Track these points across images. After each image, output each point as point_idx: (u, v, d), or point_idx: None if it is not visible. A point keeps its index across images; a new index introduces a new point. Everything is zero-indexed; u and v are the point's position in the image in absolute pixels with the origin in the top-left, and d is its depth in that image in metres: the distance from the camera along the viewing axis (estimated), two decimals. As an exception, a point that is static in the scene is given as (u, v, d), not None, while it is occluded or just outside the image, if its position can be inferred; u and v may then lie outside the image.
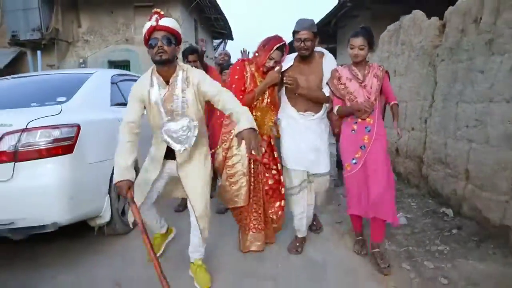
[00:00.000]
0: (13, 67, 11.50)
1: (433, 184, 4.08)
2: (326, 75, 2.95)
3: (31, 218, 2.64)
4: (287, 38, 3.00)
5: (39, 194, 2.63)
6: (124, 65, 11.36)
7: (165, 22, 2.34)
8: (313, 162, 3.01)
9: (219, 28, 16.72)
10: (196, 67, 3.57)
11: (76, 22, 11.70)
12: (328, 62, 3.01)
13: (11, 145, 2.58)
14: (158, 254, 2.81)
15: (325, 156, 3.06)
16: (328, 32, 12.08)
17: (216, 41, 19.12)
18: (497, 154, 3.03)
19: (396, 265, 2.80)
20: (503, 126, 2.97)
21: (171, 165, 2.58)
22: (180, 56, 3.07)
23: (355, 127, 2.86)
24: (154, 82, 2.43)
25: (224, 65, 4.74)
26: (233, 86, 2.90)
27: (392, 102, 2.88)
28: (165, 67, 2.39)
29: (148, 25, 2.33)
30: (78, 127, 2.82)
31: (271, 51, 2.82)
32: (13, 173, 2.61)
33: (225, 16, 15.13)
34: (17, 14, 10.70)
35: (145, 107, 2.48)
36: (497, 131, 3.05)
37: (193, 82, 2.43)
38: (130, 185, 2.29)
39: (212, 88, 2.41)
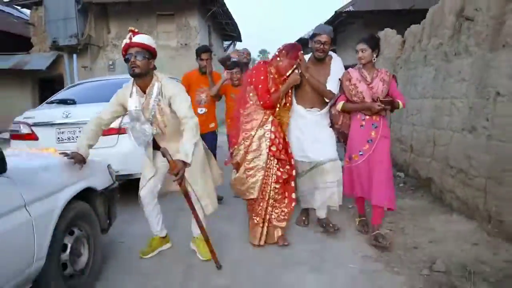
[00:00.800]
0: (53, 68, 13.17)
1: (394, 157, 5.65)
2: (332, 75, 3.30)
3: (125, 169, 4.19)
4: (290, 40, 3.42)
5: (126, 155, 4.06)
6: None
7: (139, 39, 2.60)
8: (320, 151, 3.33)
9: (229, 31, 18.25)
10: (209, 64, 4.31)
11: (106, 29, 13.28)
12: (336, 64, 3.37)
13: (117, 124, 4.14)
14: (149, 256, 3.04)
15: (331, 145, 3.41)
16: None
17: (226, 43, 20.67)
18: (426, 132, 4.58)
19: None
20: (430, 114, 4.51)
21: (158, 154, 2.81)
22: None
23: (363, 123, 3.24)
24: (133, 91, 2.70)
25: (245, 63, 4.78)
26: (259, 86, 3.16)
27: (400, 101, 3.18)
28: (140, 79, 2.67)
29: (123, 43, 2.62)
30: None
31: (297, 61, 3.15)
32: (117, 142, 4.21)
33: (235, 21, 16.68)
34: (57, 23, 12.32)
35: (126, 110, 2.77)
36: (427, 117, 4.60)
37: (165, 95, 2.66)
38: (81, 158, 2.53)
39: (181, 110, 2.60)
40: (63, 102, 4.66)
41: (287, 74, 3.14)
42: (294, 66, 3.16)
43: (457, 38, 3.92)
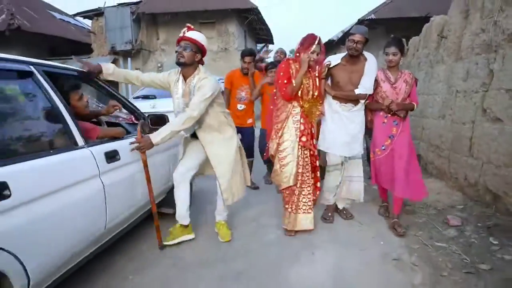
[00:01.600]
0: (110, 70, 15.19)
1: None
2: (367, 74, 3.41)
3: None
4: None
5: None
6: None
7: (190, 34, 2.91)
8: (350, 147, 3.51)
9: (262, 35, 19.88)
10: (250, 67, 4.61)
11: (155, 35, 15.19)
12: (370, 64, 3.44)
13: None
14: (171, 243, 3.13)
15: (360, 143, 3.59)
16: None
17: (260, 45, 22.32)
18: (417, 120, 5.97)
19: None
20: (420, 107, 5.89)
21: (198, 143, 3.14)
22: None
23: (385, 120, 3.48)
24: (179, 78, 3.01)
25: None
26: (279, 81, 3.25)
27: (415, 104, 3.47)
28: (184, 68, 2.95)
29: (179, 36, 2.93)
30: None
31: (312, 46, 3.11)
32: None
33: (268, 26, 18.28)
34: (115, 32, 14.34)
35: (165, 88, 3.12)
36: (418, 109, 5.98)
37: (200, 87, 2.89)
38: (99, 68, 2.89)
39: (192, 100, 2.86)
40: (146, 97, 6.35)
41: (306, 61, 3.13)
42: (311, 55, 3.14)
43: (438, 51, 5.32)
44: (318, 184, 3.51)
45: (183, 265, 2.91)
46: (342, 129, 3.50)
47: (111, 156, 2.46)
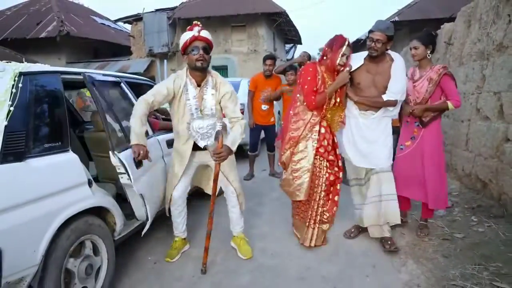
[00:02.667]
0: (147, 71, 16.36)
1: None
2: (394, 78, 2.96)
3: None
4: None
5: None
6: (222, 69, 15.65)
7: (205, 34, 2.65)
8: (370, 158, 3.10)
9: (290, 36, 20.57)
10: (271, 70, 5.19)
11: (190, 38, 16.23)
12: (398, 66, 2.98)
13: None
14: (176, 258, 3.05)
15: (384, 152, 3.08)
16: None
17: (288, 46, 23.01)
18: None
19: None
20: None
21: (200, 155, 2.92)
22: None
23: (408, 119, 3.30)
24: (188, 83, 2.71)
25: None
26: (305, 87, 2.99)
27: (448, 100, 3.07)
28: (200, 72, 2.70)
29: (190, 34, 2.61)
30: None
31: (342, 48, 2.90)
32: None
33: (296, 28, 18.96)
34: (153, 35, 15.47)
35: (170, 101, 2.75)
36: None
37: (221, 91, 2.77)
38: (146, 150, 2.44)
39: (232, 109, 2.80)
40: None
41: (337, 69, 2.99)
42: (347, 69, 2.99)
43: (445, 56, 5.91)
44: (337, 198, 3.20)
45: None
46: (359, 136, 3.15)
47: (170, 143, 3.17)
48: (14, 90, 1.95)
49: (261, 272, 2.89)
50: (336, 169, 3.17)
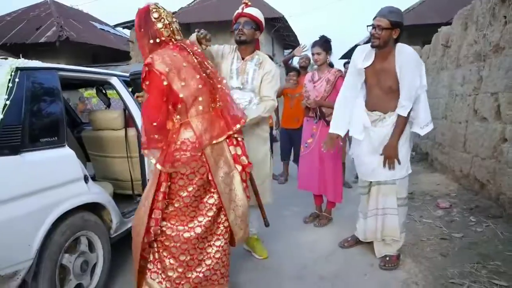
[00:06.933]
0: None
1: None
2: (401, 73, 2.53)
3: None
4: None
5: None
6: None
7: (249, 10, 2.76)
8: (372, 169, 2.79)
9: (289, 41, 20.64)
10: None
11: (189, 43, 16.28)
12: (401, 57, 2.53)
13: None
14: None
15: (396, 162, 2.69)
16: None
17: (287, 51, 23.09)
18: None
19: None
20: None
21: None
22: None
23: (308, 118, 3.69)
24: (235, 55, 2.86)
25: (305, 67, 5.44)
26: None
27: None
28: (243, 46, 2.82)
29: (236, 12, 2.79)
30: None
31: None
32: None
33: (294, 33, 19.03)
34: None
35: (214, 58, 2.79)
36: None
37: (264, 69, 2.80)
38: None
39: (269, 90, 2.79)
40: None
41: None
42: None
43: (443, 58, 5.93)
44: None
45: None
46: (365, 143, 2.82)
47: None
48: (10, 85, 1.95)
49: (258, 271, 2.87)
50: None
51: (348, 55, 19.50)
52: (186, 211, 2.04)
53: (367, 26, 2.61)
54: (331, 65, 3.83)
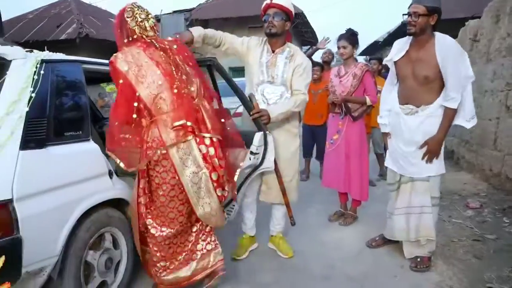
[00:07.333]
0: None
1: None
2: (443, 65, 2.38)
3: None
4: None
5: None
6: (240, 70, 15.60)
7: (279, 0, 2.60)
8: (403, 163, 2.68)
9: (307, 38, 20.44)
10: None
11: (207, 40, 16.28)
12: (443, 48, 2.40)
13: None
14: (243, 257, 2.90)
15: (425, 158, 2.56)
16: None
17: (305, 47, 22.88)
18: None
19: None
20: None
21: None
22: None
23: (334, 113, 3.61)
24: (265, 48, 2.74)
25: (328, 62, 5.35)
26: None
27: (367, 95, 3.42)
28: (273, 39, 2.68)
29: (264, 3, 2.65)
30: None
31: None
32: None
33: (313, 29, 18.84)
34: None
35: (244, 60, 2.78)
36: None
37: (295, 61, 2.68)
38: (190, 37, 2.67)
39: (300, 83, 2.68)
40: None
41: None
42: None
43: (471, 53, 5.72)
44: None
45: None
46: (397, 135, 2.72)
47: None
48: (35, 77, 1.90)
49: (284, 270, 2.79)
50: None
51: (367, 52, 19.23)
52: (165, 211, 2.08)
53: (403, 14, 2.81)
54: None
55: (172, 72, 2.01)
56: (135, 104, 1.97)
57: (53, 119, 1.93)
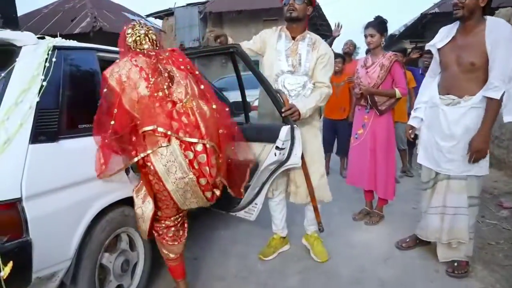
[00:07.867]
0: (179, 66, 16.40)
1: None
2: (492, 50, 2.14)
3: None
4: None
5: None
6: (255, 63, 15.43)
7: None
8: (440, 159, 2.46)
9: (322, 31, 20.07)
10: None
11: (221, 33, 16.15)
12: (495, 33, 2.15)
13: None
14: (270, 258, 2.78)
15: (463, 154, 2.33)
16: (417, 32, 14.73)
17: (319, 41, 22.62)
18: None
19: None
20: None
21: None
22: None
23: (359, 106, 3.39)
24: (282, 35, 2.55)
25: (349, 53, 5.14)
26: None
27: (397, 87, 3.15)
28: (293, 24, 2.49)
29: None
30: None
31: None
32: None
33: (328, 22, 18.49)
34: (184, 30, 15.44)
35: (262, 55, 2.61)
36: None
37: (319, 50, 2.48)
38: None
39: (323, 75, 2.50)
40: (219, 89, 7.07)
41: None
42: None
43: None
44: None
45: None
46: (434, 129, 2.50)
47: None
48: (47, 64, 1.75)
49: (310, 273, 2.62)
50: None
51: (384, 46, 18.77)
52: (161, 206, 1.99)
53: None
54: None
55: (149, 76, 1.85)
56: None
57: (66, 110, 1.79)
